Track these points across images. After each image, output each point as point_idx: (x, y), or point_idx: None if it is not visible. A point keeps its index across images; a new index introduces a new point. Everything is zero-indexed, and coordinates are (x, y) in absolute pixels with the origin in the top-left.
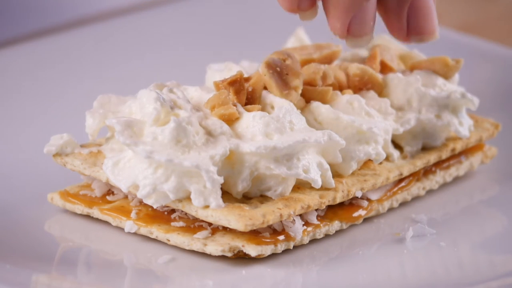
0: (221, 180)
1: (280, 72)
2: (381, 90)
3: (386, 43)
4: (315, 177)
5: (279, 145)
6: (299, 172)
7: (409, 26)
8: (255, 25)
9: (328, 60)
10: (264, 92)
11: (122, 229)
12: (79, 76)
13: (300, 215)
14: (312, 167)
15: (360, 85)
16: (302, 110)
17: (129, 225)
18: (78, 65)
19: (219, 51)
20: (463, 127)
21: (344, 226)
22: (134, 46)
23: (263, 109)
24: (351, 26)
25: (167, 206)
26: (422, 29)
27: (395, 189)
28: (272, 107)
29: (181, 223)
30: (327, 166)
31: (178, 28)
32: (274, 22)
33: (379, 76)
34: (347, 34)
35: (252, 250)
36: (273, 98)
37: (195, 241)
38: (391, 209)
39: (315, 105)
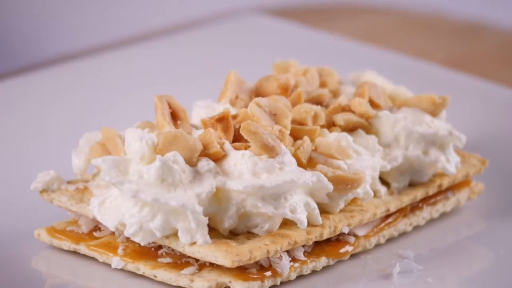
0: (206, 220)
1: (268, 112)
2: (369, 128)
3: (373, 79)
4: (302, 218)
5: (267, 185)
6: (286, 212)
7: None
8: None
9: (317, 100)
10: None
11: (109, 265)
12: (66, 111)
13: (287, 251)
14: (299, 207)
15: (346, 130)
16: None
17: (116, 261)
18: (65, 101)
19: (204, 88)
20: (450, 164)
21: (331, 262)
22: (120, 81)
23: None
24: None
25: (154, 242)
26: None
27: (382, 225)
28: None
29: (168, 259)
30: (315, 205)
31: (164, 63)
32: (255, 58)
33: (369, 115)
34: None
35: (239, 286)
36: None
37: (182, 277)
38: (378, 245)
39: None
